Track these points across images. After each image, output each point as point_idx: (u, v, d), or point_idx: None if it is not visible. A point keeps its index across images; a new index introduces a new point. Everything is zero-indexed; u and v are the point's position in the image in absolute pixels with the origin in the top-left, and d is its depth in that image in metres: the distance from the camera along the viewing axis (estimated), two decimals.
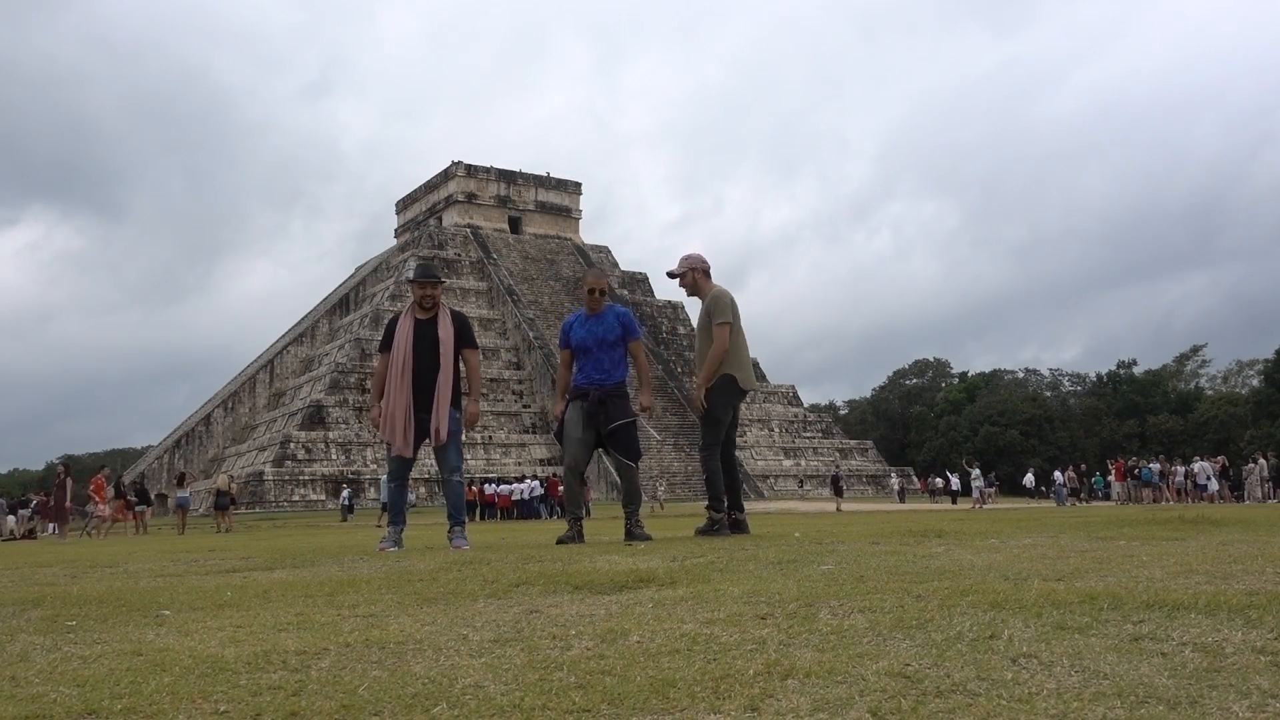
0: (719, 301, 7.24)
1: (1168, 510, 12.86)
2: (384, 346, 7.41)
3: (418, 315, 7.34)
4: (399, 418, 7.13)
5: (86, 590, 4.41)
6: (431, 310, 7.37)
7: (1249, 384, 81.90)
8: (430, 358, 7.19)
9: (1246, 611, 2.55)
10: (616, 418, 7.13)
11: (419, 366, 7.16)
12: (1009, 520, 9.92)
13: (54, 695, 2.05)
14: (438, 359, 7.20)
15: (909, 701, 1.76)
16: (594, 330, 7.20)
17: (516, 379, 57.56)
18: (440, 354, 7.20)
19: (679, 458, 50.58)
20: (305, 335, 64.89)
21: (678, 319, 64.68)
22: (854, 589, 3.30)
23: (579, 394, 7.21)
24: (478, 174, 70.81)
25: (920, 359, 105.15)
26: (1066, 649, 2.15)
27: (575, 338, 7.27)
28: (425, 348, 7.20)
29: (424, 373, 7.16)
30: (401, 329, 7.29)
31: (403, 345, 7.21)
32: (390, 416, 7.16)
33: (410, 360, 7.17)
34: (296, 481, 47.47)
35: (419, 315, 7.34)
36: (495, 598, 3.54)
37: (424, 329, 7.27)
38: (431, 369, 7.17)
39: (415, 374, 7.15)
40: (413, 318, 7.34)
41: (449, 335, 7.26)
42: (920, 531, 6.79)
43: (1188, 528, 6.70)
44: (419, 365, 7.16)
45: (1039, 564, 4.06)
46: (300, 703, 1.91)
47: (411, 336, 7.22)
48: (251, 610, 3.41)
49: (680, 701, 1.83)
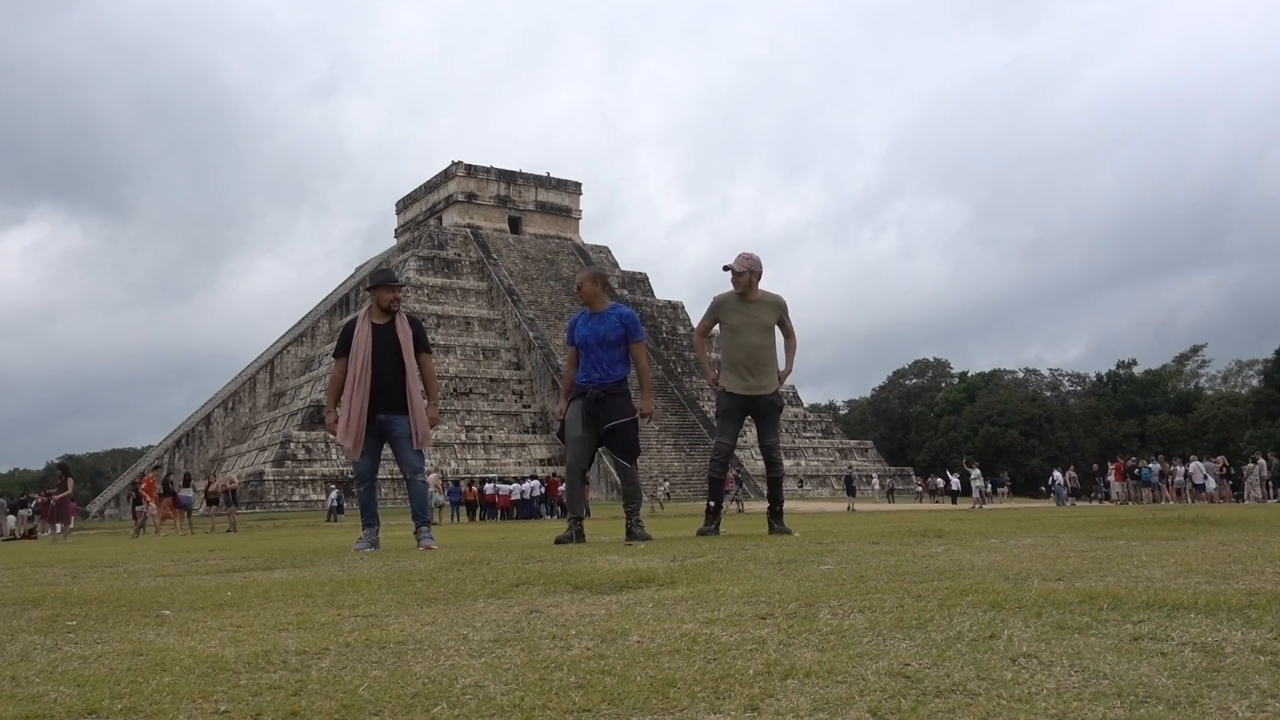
0: (787, 308, 7.58)
1: (1168, 510, 12.86)
2: (339, 352, 7.46)
3: (375, 320, 7.41)
4: (354, 421, 7.19)
5: (87, 590, 4.42)
6: (389, 315, 7.44)
7: (1249, 384, 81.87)
8: (389, 363, 7.27)
9: (1246, 611, 2.55)
10: (615, 416, 7.16)
11: (378, 371, 7.24)
12: (1009, 520, 9.92)
13: (54, 695, 2.05)
14: (399, 363, 7.28)
15: (909, 701, 1.76)
16: (596, 328, 7.24)
17: (516, 379, 57.54)
18: (402, 359, 7.29)
19: (679, 458, 50.58)
20: (305, 335, 64.88)
21: (678, 319, 64.69)
22: (854, 589, 3.30)
23: (579, 392, 7.26)
24: (478, 174, 70.79)
25: (920, 359, 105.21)
26: (1066, 649, 2.15)
27: (578, 335, 7.32)
28: (384, 353, 7.28)
29: (383, 377, 7.25)
30: (360, 334, 7.35)
31: (361, 350, 7.27)
32: (347, 420, 7.21)
33: (369, 365, 7.24)
34: (297, 481, 47.47)
35: (376, 320, 7.41)
36: (495, 598, 3.54)
37: (382, 334, 7.35)
38: (392, 373, 7.26)
39: (374, 378, 7.23)
40: (370, 323, 7.40)
41: (408, 340, 7.35)
42: (920, 531, 6.79)
43: (1188, 528, 6.70)
44: (378, 370, 7.24)
45: (1039, 564, 4.06)
46: (300, 703, 1.91)
47: (370, 342, 7.29)
48: (251, 610, 3.41)
49: (680, 701, 1.83)
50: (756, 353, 7.37)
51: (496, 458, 51.52)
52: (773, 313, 7.46)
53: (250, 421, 61.02)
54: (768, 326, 7.43)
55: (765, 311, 7.44)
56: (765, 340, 7.41)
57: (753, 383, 7.38)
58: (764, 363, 7.39)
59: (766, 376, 7.39)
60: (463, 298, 61.16)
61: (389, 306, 7.42)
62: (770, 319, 7.44)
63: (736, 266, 7.41)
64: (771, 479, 7.60)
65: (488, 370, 56.99)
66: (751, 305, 7.42)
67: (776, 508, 7.55)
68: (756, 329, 7.39)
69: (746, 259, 7.44)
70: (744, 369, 7.36)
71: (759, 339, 7.38)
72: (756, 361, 7.36)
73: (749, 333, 7.38)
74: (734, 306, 7.47)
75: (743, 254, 7.50)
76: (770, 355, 7.44)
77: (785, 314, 7.54)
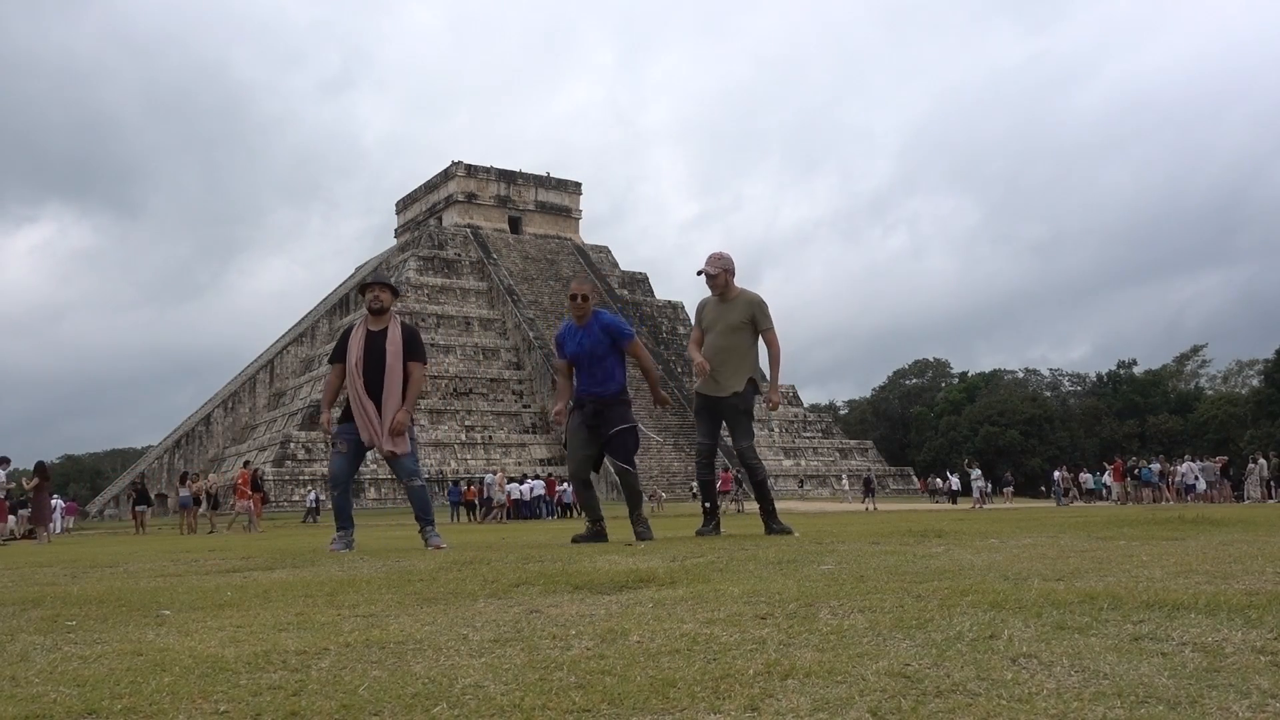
0: (765, 307, 7.33)
1: (1168, 510, 12.86)
2: (335, 358, 7.55)
3: (370, 327, 7.42)
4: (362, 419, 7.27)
5: (86, 590, 4.41)
6: (384, 320, 7.43)
7: (1249, 384, 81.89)
8: (376, 366, 7.28)
9: (1246, 611, 2.55)
10: (615, 423, 7.20)
11: (368, 377, 7.27)
12: (1009, 520, 9.92)
13: (54, 695, 2.05)
14: (383, 368, 7.28)
15: (909, 701, 1.76)
16: (583, 343, 7.24)
17: (516, 379, 57.53)
18: (387, 365, 7.28)
19: (679, 458, 50.56)
20: (305, 335, 64.86)
21: (678, 319, 64.66)
22: (854, 589, 3.30)
23: (579, 404, 7.30)
24: (477, 174, 70.79)
25: (920, 359, 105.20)
26: (1066, 649, 2.15)
27: (568, 351, 7.34)
28: (375, 359, 7.29)
29: (372, 383, 7.27)
30: (354, 340, 7.40)
31: (354, 356, 7.32)
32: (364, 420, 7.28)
33: (361, 371, 7.28)
34: (296, 481, 47.46)
35: (371, 327, 7.42)
36: (495, 598, 3.54)
37: (374, 340, 7.36)
38: (377, 380, 7.27)
39: (366, 385, 7.27)
40: (365, 329, 7.43)
41: (397, 347, 7.32)
42: (920, 531, 6.79)
43: (1188, 528, 6.70)
44: (368, 376, 7.28)
45: (1039, 564, 4.06)
46: (300, 703, 1.91)
47: (363, 347, 7.33)
48: (251, 610, 3.41)
49: (680, 701, 1.83)
50: (719, 354, 7.25)
51: (497, 458, 51.47)
52: (744, 310, 7.27)
53: (250, 421, 61.01)
54: (735, 326, 7.24)
55: (736, 311, 7.28)
56: (730, 341, 7.24)
57: (714, 384, 7.28)
58: (725, 364, 7.24)
59: (728, 378, 7.25)
60: (463, 298, 61.15)
61: (374, 307, 7.40)
62: (740, 318, 7.25)
63: (709, 269, 7.28)
64: (754, 483, 7.51)
65: (488, 370, 56.99)
66: (725, 306, 7.31)
67: (768, 507, 7.45)
68: (724, 330, 7.25)
69: (718, 259, 7.31)
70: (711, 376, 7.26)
71: (724, 340, 7.24)
72: (719, 363, 7.23)
73: (715, 334, 7.28)
74: (710, 308, 7.39)
75: (713, 254, 7.37)
76: (735, 356, 7.27)
77: (761, 313, 7.29)
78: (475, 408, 54.54)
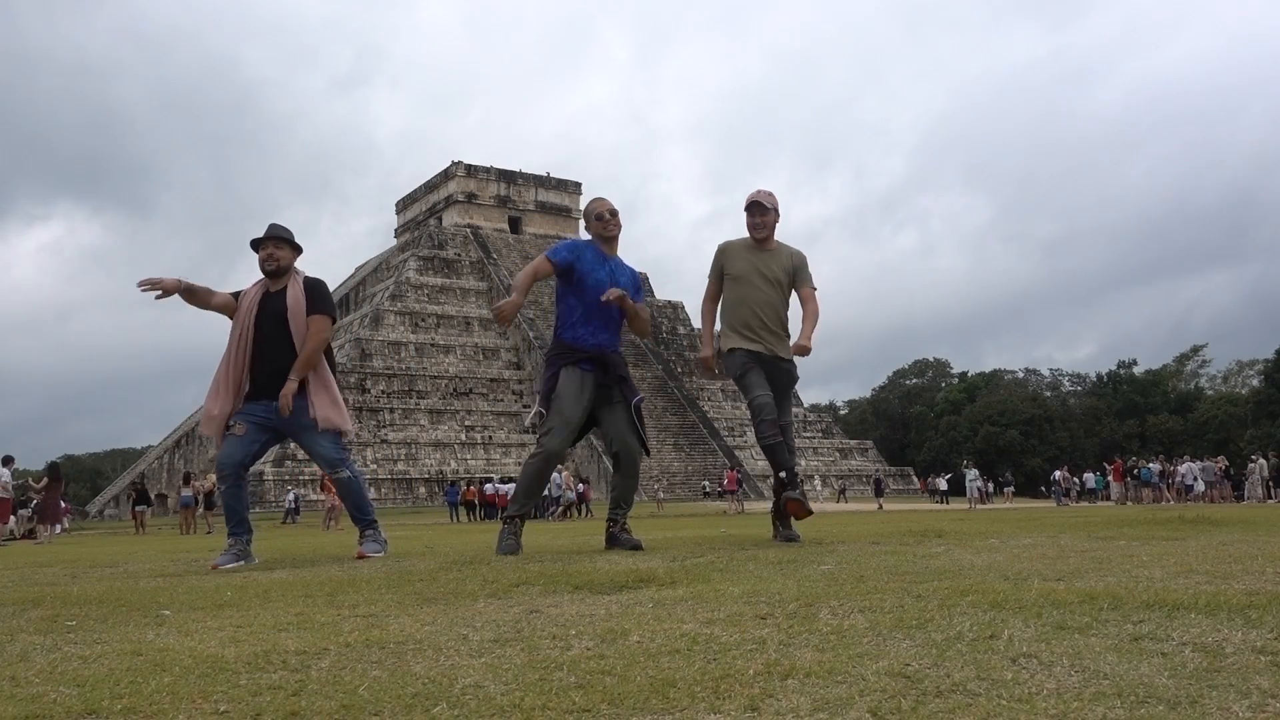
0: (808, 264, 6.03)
1: (1168, 510, 12.86)
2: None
3: (269, 288, 6.07)
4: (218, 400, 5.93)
5: (86, 590, 4.41)
6: (282, 280, 6.07)
7: (1249, 384, 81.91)
8: (276, 332, 5.91)
9: (1246, 611, 2.55)
10: (635, 392, 5.74)
11: (259, 342, 5.93)
12: (1009, 520, 9.92)
13: (54, 695, 2.05)
14: (286, 333, 5.92)
15: (909, 701, 1.76)
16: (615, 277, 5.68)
17: (516, 379, 57.55)
18: (290, 328, 5.92)
19: (679, 457, 50.57)
20: None
21: (678, 319, 64.70)
22: (854, 589, 3.30)
23: (585, 356, 5.63)
24: (478, 174, 70.85)
25: (920, 359, 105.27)
26: (1066, 649, 2.15)
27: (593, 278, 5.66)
28: (271, 322, 5.93)
29: (266, 353, 5.92)
30: (243, 307, 6.01)
31: (241, 318, 5.96)
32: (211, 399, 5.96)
33: (251, 335, 5.94)
34: (296, 481, 47.48)
35: (270, 288, 6.07)
36: (495, 598, 3.54)
37: (270, 302, 6.01)
38: (277, 345, 5.91)
39: (254, 352, 5.95)
40: (262, 290, 6.09)
41: (298, 304, 5.95)
42: (920, 531, 6.78)
43: (1188, 528, 6.70)
44: (260, 344, 5.93)
45: (1039, 564, 4.06)
46: (300, 703, 1.91)
47: (255, 310, 5.97)
48: (251, 610, 3.41)
49: (680, 701, 1.83)
50: (764, 309, 5.81)
51: (496, 458, 51.54)
52: (786, 262, 5.90)
53: None
54: (775, 280, 5.84)
55: (777, 261, 5.86)
56: (772, 296, 5.83)
57: (766, 342, 5.81)
58: (777, 323, 5.85)
59: (780, 342, 5.86)
60: (462, 298, 61.19)
61: (268, 268, 6.03)
62: (780, 270, 5.87)
63: (764, 200, 5.83)
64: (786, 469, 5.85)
65: (487, 370, 57.01)
66: (764, 255, 5.90)
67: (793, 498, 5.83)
68: (762, 283, 5.82)
69: (770, 195, 5.89)
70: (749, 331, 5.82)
71: (765, 294, 5.81)
72: (766, 319, 5.81)
73: (751, 286, 5.83)
74: (740, 254, 5.93)
75: (763, 189, 5.95)
76: (783, 317, 5.90)
77: (806, 270, 5.95)
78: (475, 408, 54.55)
